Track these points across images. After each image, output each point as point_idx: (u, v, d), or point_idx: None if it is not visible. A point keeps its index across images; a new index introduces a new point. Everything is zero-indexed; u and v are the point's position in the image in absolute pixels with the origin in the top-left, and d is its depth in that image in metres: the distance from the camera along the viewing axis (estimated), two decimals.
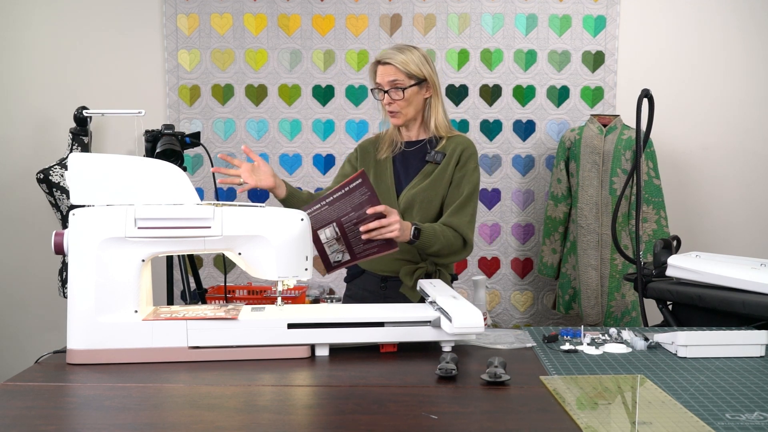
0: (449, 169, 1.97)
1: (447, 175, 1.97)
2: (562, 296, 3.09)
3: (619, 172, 2.94)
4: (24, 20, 3.24)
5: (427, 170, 1.99)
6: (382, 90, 1.96)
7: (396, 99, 1.94)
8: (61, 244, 1.39)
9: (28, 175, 3.18)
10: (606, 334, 1.55)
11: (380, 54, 1.98)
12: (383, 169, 2.03)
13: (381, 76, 1.96)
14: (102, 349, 1.36)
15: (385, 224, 1.75)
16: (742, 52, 3.24)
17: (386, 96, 1.95)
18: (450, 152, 1.98)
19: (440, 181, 1.97)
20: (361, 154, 2.10)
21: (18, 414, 1.09)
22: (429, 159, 1.99)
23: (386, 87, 1.95)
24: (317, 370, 1.34)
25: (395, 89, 1.94)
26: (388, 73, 1.94)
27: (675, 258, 1.97)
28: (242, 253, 1.45)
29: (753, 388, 1.19)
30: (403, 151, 2.04)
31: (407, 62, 1.94)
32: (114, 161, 1.44)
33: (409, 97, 1.95)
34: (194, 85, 3.25)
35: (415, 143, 2.04)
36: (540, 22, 3.21)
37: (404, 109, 1.96)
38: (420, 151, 2.03)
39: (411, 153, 2.03)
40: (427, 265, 1.96)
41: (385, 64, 1.95)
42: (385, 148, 2.04)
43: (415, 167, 2.01)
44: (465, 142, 2.01)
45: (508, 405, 1.12)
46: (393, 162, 2.04)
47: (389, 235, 1.76)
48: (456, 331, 1.36)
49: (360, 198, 1.75)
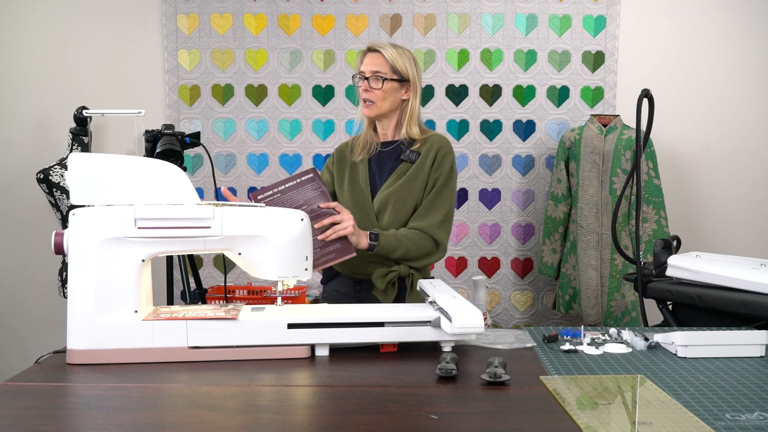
0: (425, 169, 1.95)
1: (422, 175, 1.94)
2: (562, 296, 3.09)
3: (619, 172, 2.94)
4: (24, 20, 3.24)
5: (401, 169, 1.97)
6: (363, 77, 1.95)
7: (374, 88, 1.93)
8: (61, 244, 1.39)
9: (28, 175, 3.18)
10: (606, 334, 1.55)
11: (372, 42, 1.99)
12: (358, 171, 2.02)
13: (366, 64, 1.95)
14: (102, 349, 1.36)
15: (339, 220, 1.74)
16: (742, 52, 3.24)
17: (365, 83, 1.94)
18: (425, 151, 1.96)
19: (415, 181, 1.94)
20: (338, 158, 2.09)
21: (18, 414, 1.09)
22: (404, 158, 1.97)
23: (367, 74, 1.94)
24: (317, 370, 1.34)
25: (375, 78, 1.93)
26: (374, 62, 1.94)
27: (675, 258, 1.97)
28: (242, 253, 1.45)
29: (753, 388, 1.19)
30: (378, 151, 2.02)
31: (395, 56, 1.94)
32: (114, 161, 1.44)
33: (387, 91, 1.94)
34: (194, 85, 3.25)
35: (390, 143, 2.02)
36: (540, 22, 3.21)
37: (379, 101, 1.94)
38: (395, 150, 2.01)
39: (386, 153, 2.02)
40: (401, 268, 1.92)
41: (374, 51, 1.96)
42: (360, 150, 2.03)
43: (389, 167, 1.99)
44: (440, 141, 1.99)
45: (508, 405, 1.12)
46: (368, 163, 2.02)
47: (343, 232, 1.74)
48: (456, 331, 1.36)
49: (311, 192, 1.73)
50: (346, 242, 1.77)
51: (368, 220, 1.95)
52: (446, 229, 1.95)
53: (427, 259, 1.95)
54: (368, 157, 2.03)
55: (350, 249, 1.77)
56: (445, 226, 1.95)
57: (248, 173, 3.29)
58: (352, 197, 1.99)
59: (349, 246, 1.77)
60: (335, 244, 1.76)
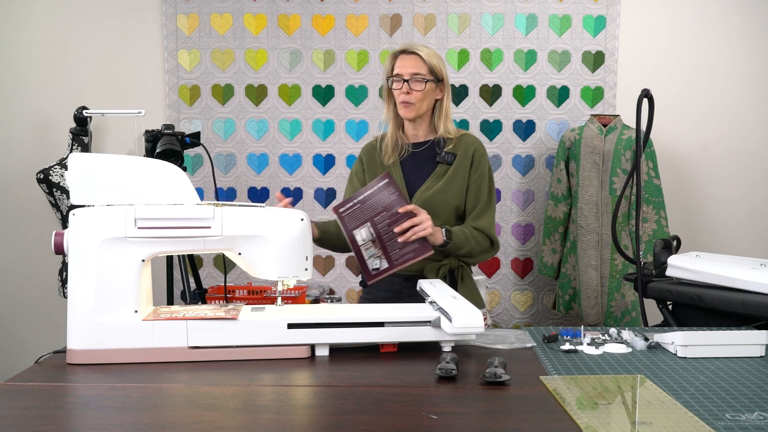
0: (464, 170, 1.99)
1: (461, 177, 1.98)
2: (562, 296, 3.09)
3: (619, 172, 2.94)
4: (24, 20, 3.24)
5: (439, 171, 1.99)
6: (402, 79, 1.95)
7: (416, 90, 1.94)
8: (61, 244, 1.39)
9: (28, 175, 3.18)
10: (606, 334, 1.55)
11: (405, 45, 2.00)
12: (392, 174, 2.01)
13: (403, 67, 1.95)
14: (102, 349, 1.36)
15: (418, 222, 1.79)
16: (742, 52, 3.24)
17: (405, 85, 1.94)
18: (462, 153, 1.99)
19: (454, 182, 1.98)
20: (367, 161, 2.08)
21: (18, 414, 1.09)
22: (440, 160, 1.99)
23: (407, 77, 1.94)
24: (317, 370, 1.34)
25: (416, 80, 1.94)
26: (412, 63, 1.94)
27: (675, 258, 1.97)
28: (242, 253, 1.45)
29: (753, 388, 1.19)
30: (411, 152, 2.03)
31: (431, 57, 1.96)
32: (114, 161, 1.44)
33: (427, 92, 1.96)
34: (194, 85, 3.25)
35: (422, 144, 2.04)
36: (540, 22, 3.21)
37: (419, 102, 1.96)
38: (429, 151, 2.02)
39: (419, 154, 2.03)
40: (451, 261, 1.96)
41: (410, 53, 1.96)
42: (390, 152, 2.03)
43: (426, 169, 2.01)
44: (474, 141, 2.03)
45: (508, 405, 1.12)
46: (401, 165, 2.03)
47: (423, 233, 1.79)
48: (456, 331, 1.36)
49: (389, 198, 1.78)
50: (425, 241, 1.82)
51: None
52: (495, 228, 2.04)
53: (483, 257, 2.02)
54: (399, 159, 2.03)
55: (428, 247, 1.83)
56: (494, 224, 2.04)
57: (248, 173, 3.29)
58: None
59: (427, 245, 1.82)
60: (414, 243, 1.81)
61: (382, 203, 1.80)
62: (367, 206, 1.81)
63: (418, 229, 1.79)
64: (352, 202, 1.81)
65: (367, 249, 1.84)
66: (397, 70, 1.96)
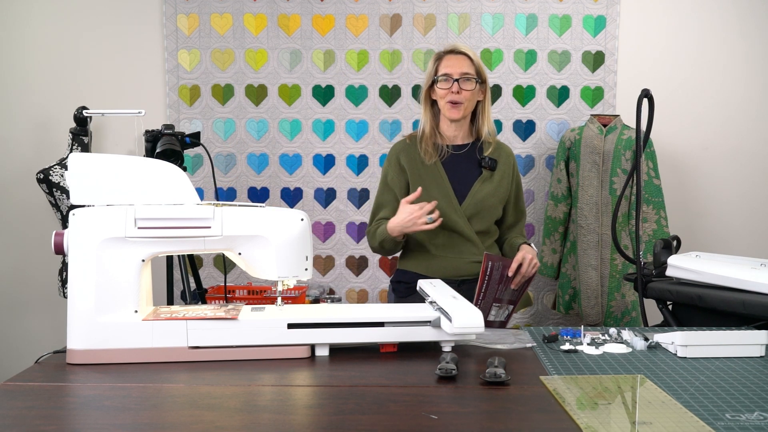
0: (507, 177, 2.08)
1: (506, 183, 2.07)
2: (562, 296, 3.09)
3: (619, 172, 2.94)
4: (24, 20, 3.24)
5: (485, 175, 2.03)
6: (452, 79, 1.95)
7: (466, 89, 1.95)
8: (61, 244, 1.39)
9: (28, 175, 3.18)
10: (606, 334, 1.55)
11: (452, 45, 2.03)
12: (435, 174, 2.02)
13: (452, 66, 1.96)
14: (102, 349, 1.36)
15: (524, 271, 1.90)
16: (742, 52, 3.24)
17: (455, 84, 1.94)
18: (504, 161, 2.07)
19: (500, 188, 2.05)
20: (408, 162, 2.05)
21: (18, 414, 1.09)
22: (484, 165, 2.03)
23: (456, 76, 1.95)
24: (317, 370, 1.34)
25: (466, 80, 1.95)
26: (462, 63, 1.96)
27: (675, 258, 1.97)
28: (242, 253, 1.45)
29: (753, 388, 1.19)
30: (451, 155, 2.04)
31: (478, 58, 2.01)
32: (114, 161, 1.44)
33: (475, 92, 1.99)
34: (194, 85, 3.25)
35: (461, 147, 2.05)
36: (540, 22, 3.21)
37: (467, 102, 1.97)
38: (469, 155, 2.04)
39: (460, 157, 2.04)
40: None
41: (458, 54, 1.98)
42: (431, 153, 2.03)
43: (469, 172, 2.02)
44: (510, 152, 2.13)
45: (508, 405, 1.12)
46: (443, 166, 2.04)
47: (533, 271, 1.92)
48: (456, 331, 1.36)
49: (498, 272, 1.88)
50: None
51: (461, 222, 2.00)
52: None
53: None
54: (441, 160, 2.04)
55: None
56: None
57: (248, 173, 3.29)
58: (441, 200, 1.99)
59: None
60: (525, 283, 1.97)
61: (497, 281, 1.89)
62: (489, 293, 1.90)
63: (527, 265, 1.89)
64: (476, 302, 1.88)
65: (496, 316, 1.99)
66: (445, 70, 1.97)
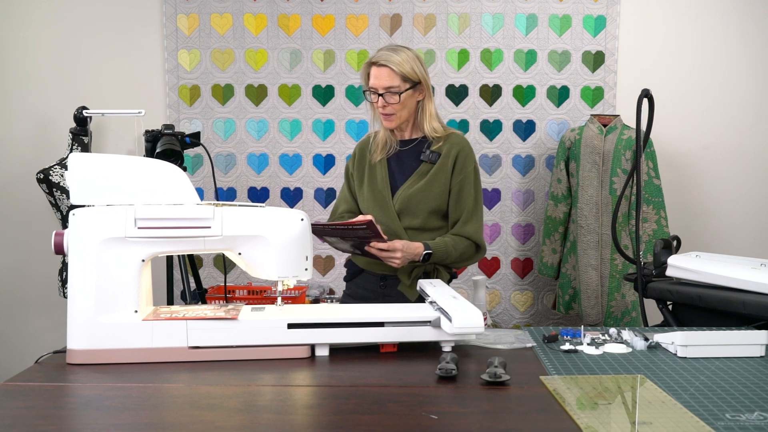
0: (446, 170, 1.97)
1: (443, 177, 1.96)
2: (562, 296, 3.09)
3: (619, 172, 2.94)
4: (24, 20, 3.24)
5: (422, 170, 1.98)
6: (377, 93, 1.93)
7: (391, 103, 1.92)
8: (61, 244, 1.39)
9: (28, 175, 3.18)
10: (606, 334, 1.55)
11: (375, 55, 1.95)
12: (376, 171, 2.02)
13: (376, 79, 1.92)
14: (102, 349, 1.36)
15: (385, 256, 1.84)
16: (742, 52, 3.24)
17: (381, 99, 1.92)
18: (446, 152, 1.97)
19: (436, 182, 1.96)
20: (359, 158, 2.09)
21: (18, 414, 1.09)
22: (424, 159, 1.98)
23: (381, 90, 1.91)
24: (317, 370, 1.34)
25: (391, 93, 1.91)
26: (384, 75, 1.91)
27: (675, 258, 1.97)
28: (242, 253, 1.45)
29: (753, 388, 1.19)
30: (398, 151, 2.03)
31: (403, 64, 1.91)
32: (114, 161, 1.44)
33: (404, 101, 1.94)
34: (194, 85, 3.25)
35: (409, 142, 2.03)
36: (540, 22, 3.21)
37: (399, 112, 1.94)
38: (415, 149, 2.01)
39: (405, 152, 2.02)
40: (425, 264, 1.96)
41: (380, 66, 1.91)
42: (379, 150, 2.03)
43: (410, 167, 2.00)
44: (461, 142, 2.00)
45: (508, 405, 1.12)
46: (388, 163, 2.03)
47: (389, 263, 1.86)
48: (456, 331, 1.36)
49: (365, 234, 1.80)
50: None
51: (389, 219, 1.97)
52: (482, 230, 2.04)
53: (468, 263, 2.03)
54: (387, 157, 2.03)
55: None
56: (482, 227, 2.03)
57: (248, 173, 3.29)
58: (372, 197, 2.00)
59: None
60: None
61: (356, 235, 1.81)
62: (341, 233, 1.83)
63: (385, 255, 1.83)
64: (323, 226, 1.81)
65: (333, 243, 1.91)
66: (371, 83, 1.94)
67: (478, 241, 1.98)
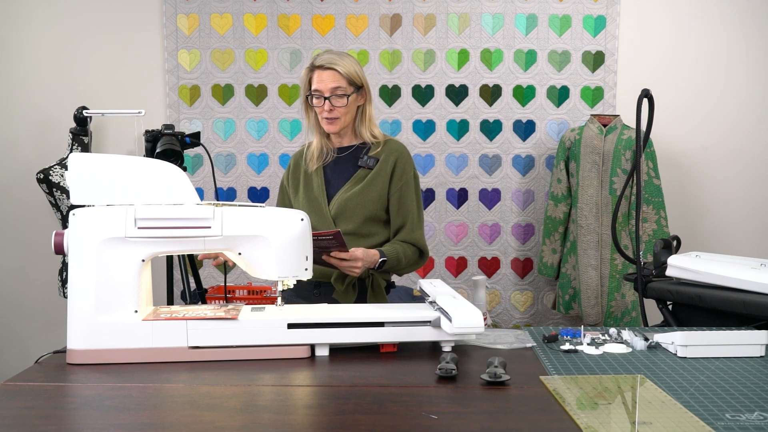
0: (384, 176, 1.96)
1: (381, 182, 1.96)
2: (562, 296, 3.09)
3: (619, 172, 2.94)
4: (24, 20, 3.24)
5: (359, 175, 1.97)
6: (322, 96, 1.92)
7: (338, 106, 1.91)
8: (61, 244, 1.39)
9: (28, 175, 3.18)
10: (606, 334, 1.55)
11: (319, 59, 1.94)
12: (312, 180, 2.01)
13: (321, 82, 1.91)
14: (102, 349, 1.36)
15: (346, 266, 1.80)
16: (743, 52, 3.24)
17: (327, 102, 1.91)
18: (384, 158, 1.97)
19: (373, 187, 1.95)
20: (293, 169, 2.08)
21: (18, 414, 1.09)
22: (362, 164, 1.97)
23: (327, 93, 1.91)
24: (317, 370, 1.34)
25: (337, 96, 1.91)
26: (330, 78, 1.90)
27: (675, 258, 1.97)
28: (242, 253, 1.45)
29: (753, 388, 1.19)
30: (335, 158, 2.02)
31: (348, 68, 1.91)
32: (114, 161, 1.44)
33: (350, 103, 1.94)
34: (194, 85, 3.25)
35: (347, 149, 2.02)
36: (540, 22, 3.21)
37: (344, 116, 1.94)
38: (352, 156, 2.00)
39: (342, 159, 2.01)
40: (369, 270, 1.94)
41: (326, 69, 1.91)
42: (315, 159, 2.01)
43: (347, 172, 1.99)
44: (398, 149, 2.00)
45: (508, 405, 1.12)
46: (324, 171, 2.02)
47: (349, 273, 1.82)
48: (456, 331, 1.36)
49: (329, 244, 1.76)
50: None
51: (326, 224, 1.96)
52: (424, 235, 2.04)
53: (412, 269, 2.03)
54: (323, 165, 2.02)
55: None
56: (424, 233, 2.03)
57: (248, 173, 3.29)
58: (308, 204, 1.99)
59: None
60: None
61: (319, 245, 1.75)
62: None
63: (345, 265, 1.80)
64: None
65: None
66: (315, 86, 1.92)
67: (424, 247, 1.99)
